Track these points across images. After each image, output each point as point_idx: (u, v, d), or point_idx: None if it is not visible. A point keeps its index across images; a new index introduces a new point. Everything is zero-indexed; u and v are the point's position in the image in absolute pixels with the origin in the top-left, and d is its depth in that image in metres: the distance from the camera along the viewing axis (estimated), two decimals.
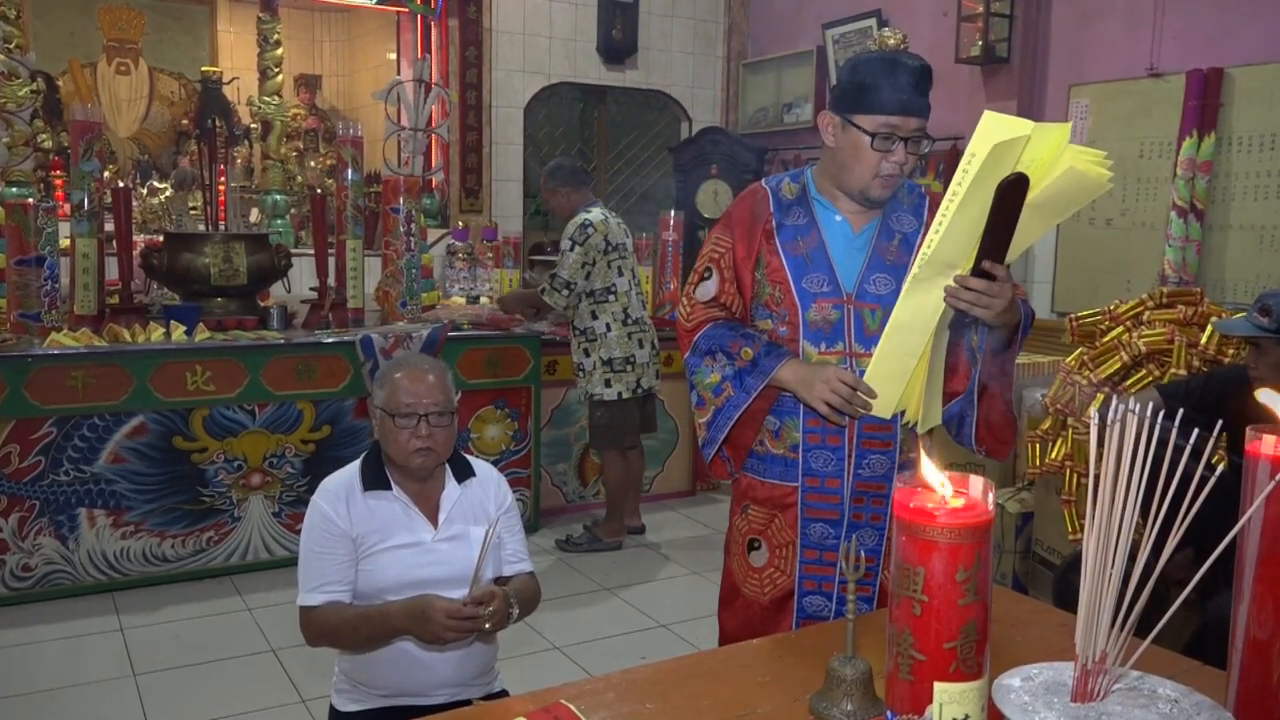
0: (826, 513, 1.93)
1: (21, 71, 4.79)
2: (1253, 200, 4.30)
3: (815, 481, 1.93)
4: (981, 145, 1.48)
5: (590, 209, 4.24)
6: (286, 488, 4.02)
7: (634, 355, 4.26)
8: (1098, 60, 4.99)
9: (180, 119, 7.42)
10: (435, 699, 1.94)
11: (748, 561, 2.01)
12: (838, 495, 1.92)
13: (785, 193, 1.97)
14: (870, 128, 1.80)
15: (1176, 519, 0.94)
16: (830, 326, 1.89)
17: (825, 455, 1.91)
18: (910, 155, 1.82)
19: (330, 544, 1.91)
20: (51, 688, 3.04)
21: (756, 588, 2.00)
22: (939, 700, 0.92)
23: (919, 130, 1.81)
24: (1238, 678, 1.06)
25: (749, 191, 2.02)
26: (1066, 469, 3.32)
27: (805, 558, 1.95)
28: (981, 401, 1.87)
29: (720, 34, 7.64)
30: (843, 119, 1.84)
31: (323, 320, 4.28)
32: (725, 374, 1.92)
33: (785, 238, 1.92)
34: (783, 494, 1.95)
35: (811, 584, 1.96)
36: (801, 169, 2.01)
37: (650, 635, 3.56)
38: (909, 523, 0.92)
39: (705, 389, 1.95)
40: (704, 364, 1.95)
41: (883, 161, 1.81)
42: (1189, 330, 3.28)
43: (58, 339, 3.66)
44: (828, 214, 1.94)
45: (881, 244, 1.91)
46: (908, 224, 1.94)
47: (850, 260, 1.91)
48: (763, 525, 1.98)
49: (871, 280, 1.89)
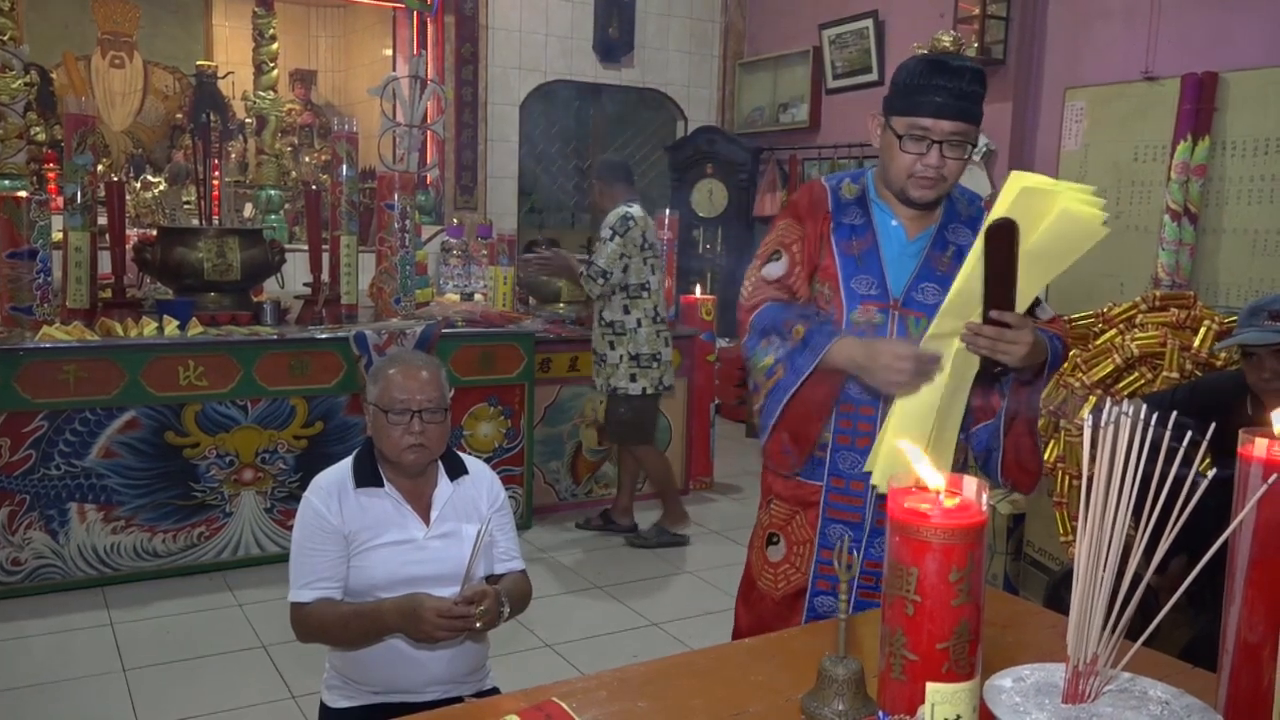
0: (848, 515, 1.92)
1: (15, 64, 4.77)
2: (1246, 204, 4.31)
3: (840, 483, 1.91)
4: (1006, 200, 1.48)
5: (632, 204, 4.30)
6: (278, 484, 4.01)
7: (660, 353, 4.34)
8: (1093, 63, 5.00)
9: (174, 113, 7.40)
10: (426, 696, 1.94)
11: (765, 555, 2.02)
12: (861, 498, 1.91)
13: (845, 192, 1.95)
14: (900, 129, 1.79)
15: (1168, 523, 0.94)
16: (873, 330, 1.86)
17: (853, 457, 1.89)
18: (948, 159, 1.79)
19: (322, 541, 1.90)
20: (41, 682, 3.03)
21: (771, 582, 2.00)
22: (931, 700, 0.92)
23: (955, 134, 1.77)
24: (1228, 681, 1.07)
25: (808, 187, 2.00)
26: (1058, 471, 3.33)
27: (821, 557, 1.95)
28: (1010, 434, 1.85)
29: (717, 33, 7.64)
30: (884, 120, 1.85)
31: (316, 316, 4.27)
32: (779, 355, 1.84)
33: (840, 236, 1.91)
34: (807, 492, 1.94)
35: (825, 584, 1.95)
36: (863, 170, 1.99)
37: (643, 634, 3.56)
38: (902, 523, 0.92)
39: (759, 372, 1.88)
40: (760, 345, 1.88)
41: (916, 163, 1.79)
42: (1182, 333, 3.29)
43: (50, 333, 3.65)
44: (884, 217, 1.92)
45: (934, 253, 1.89)
46: (964, 236, 1.91)
47: (901, 266, 1.89)
48: (784, 521, 1.98)
49: (920, 289, 1.87)
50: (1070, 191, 1.49)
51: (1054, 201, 1.49)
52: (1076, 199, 1.50)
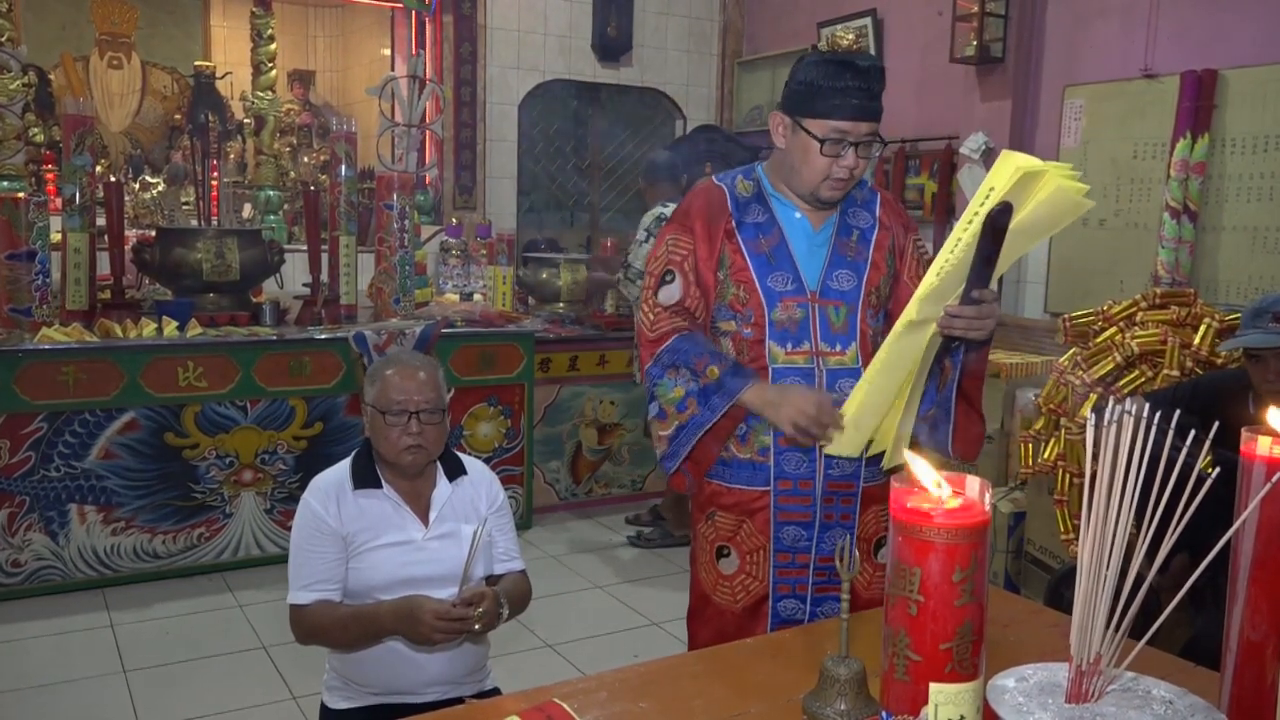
0: (798, 515, 1.90)
1: (13, 65, 4.75)
2: (1246, 202, 4.31)
3: (788, 484, 1.89)
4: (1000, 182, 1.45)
5: (667, 204, 4.29)
6: (278, 484, 4.01)
7: None
8: (1092, 61, 4.99)
9: (173, 113, 7.39)
10: (426, 697, 1.94)
11: (717, 569, 1.96)
12: (810, 496, 1.90)
13: (741, 190, 1.94)
14: (820, 133, 1.78)
15: (1171, 521, 0.94)
16: (796, 326, 1.87)
17: (797, 457, 1.89)
18: (861, 159, 1.81)
19: (320, 542, 1.90)
20: (41, 684, 3.03)
21: (728, 595, 1.95)
22: (934, 701, 0.91)
23: (870, 135, 1.80)
24: (1231, 679, 1.06)
25: (701, 190, 1.97)
26: (1059, 469, 3.32)
27: (779, 561, 1.92)
28: (959, 406, 1.84)
29: (715, 32, 7.63)
30: (793, 121, 1.82)
31: (315, 317, 4.26)
32: (689, 389, 1.86)
33: (747, 235, 1.89)
34: (751, 498, 1.91)
35: (785, 588, 1.93)
36: (751, 165, 1.98)
37: (643, 634, 3.55)
38: (905, 523, 0.92)
39: (668, 403, 1.89)
40: (666, 377, 1.89)
41: (833, 166, 1.80)
42: (1182, 331, 3.28)
43: (49, 334, 3.64)
44: (787, 211, 1.92)
45: (841, 240, 1.91)
46: (863, 220, 1.95)
47: (813, 257, 1.90)
48: (731, 531, 1.94)
49: (834, 276, 1.89)
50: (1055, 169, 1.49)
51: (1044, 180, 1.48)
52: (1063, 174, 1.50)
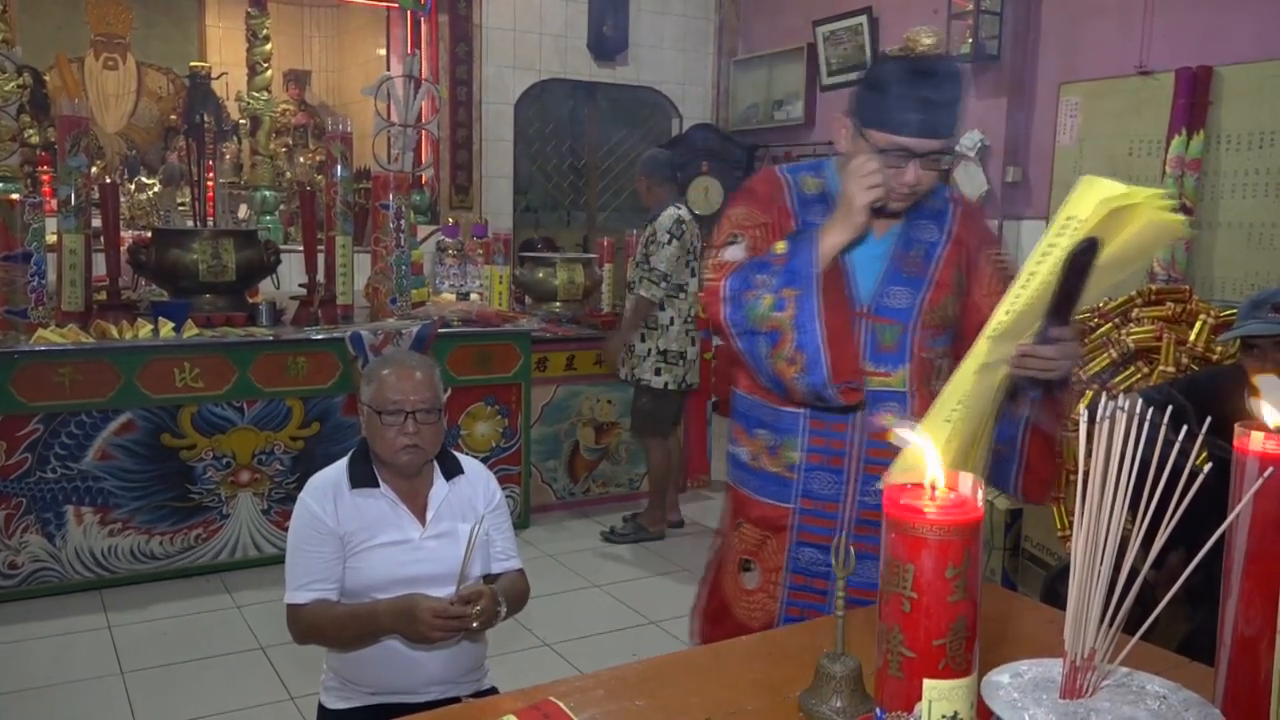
0: (821, 538, 1.78)
1: (8, 66, 4.75)
2: (1241, 198, 4.31)
3: (812, 504, 1.78)
4: (1083, 211, 1.26)
5: (680, 206, 4.37)
6: (275, 485, 4.01)
7: (686, 351, 4.42)
8: (1088, 58, 5.00)
9: (168, 114, 7.39)
10: (424, 696, 1.94)
11: (740, 582, 1.88)
12: (834, 520, 1.77)
13: (806, 187, 1.80)
14: (881, 145, 1.62)
15: (1165, 516, 0.94)
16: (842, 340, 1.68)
17: (826, 477, 1.77)
18: (926, 172, 1.64)
19: (317, 542, 1.90)
20: (39, 685, 3.03)
21: (747, 612, 1.87)
22: (928, 697, 0.92)
23: (935, 150, 1.63)
24: (1226, 674, 1.06)
25: (765, 176, 1.84)
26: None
27: (793, 583, 1.82)
28: (1033, 444, 1.68)
29: (711, 31, 7.64)
30: (856, 128, 1.67)
31: (312, 317, 4.26)
32: (774, 283, 1.63)
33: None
34: (777, 515, 1.81)
35: (795, 610, 1.82)
36: (820, 162, 1.84)
37: (640, 632, 3.56)
38: (898, 519, 0.92)
39: (762, 320, 1.65)
40: (746, 298, 1.66)
41: (894, 179, 1.63)
42: (1177, 327, 3.29)
43: (44, 335, 3.64)
44: None
45: (900, 252, 1.76)
46: (930, 233, 1.77)
47: (868, 269, 1.75)
48: (755, 546, 1.86)
49: (888, 293, 1.74)
50: (1148, 198, 1.31)
51: (1136, 213, 1.31)
52: (1156, 204, 1.31)
